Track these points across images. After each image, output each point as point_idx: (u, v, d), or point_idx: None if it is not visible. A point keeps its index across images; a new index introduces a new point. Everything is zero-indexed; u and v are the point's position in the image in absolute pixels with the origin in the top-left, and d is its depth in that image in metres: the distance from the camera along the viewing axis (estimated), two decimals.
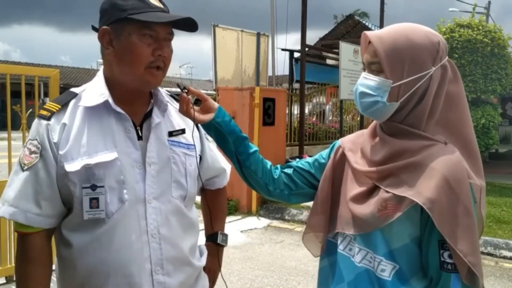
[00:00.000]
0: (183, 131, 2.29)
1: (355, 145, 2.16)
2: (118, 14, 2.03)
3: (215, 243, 2.61)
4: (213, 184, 2.57)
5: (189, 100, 2.12)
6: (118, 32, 2.05)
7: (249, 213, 10.87)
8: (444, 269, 1.81)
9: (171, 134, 2.23)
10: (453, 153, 1.86)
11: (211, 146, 2.50)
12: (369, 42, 1.97)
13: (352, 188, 2.05)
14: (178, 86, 2.19)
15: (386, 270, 1.90)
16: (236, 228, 9.73)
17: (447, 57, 1.98)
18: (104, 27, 2.07)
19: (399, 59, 1.89)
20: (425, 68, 1.90)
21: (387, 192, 1.88)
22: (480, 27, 14.35)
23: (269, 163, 2.29)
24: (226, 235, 2.66)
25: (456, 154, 1.86)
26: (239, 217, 10.66)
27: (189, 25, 2.12)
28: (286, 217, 10.39)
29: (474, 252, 1.77)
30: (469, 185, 1.82)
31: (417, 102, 1.92)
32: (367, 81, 1.97)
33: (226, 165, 2.61)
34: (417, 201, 1.79)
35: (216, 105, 2.17)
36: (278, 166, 2.33)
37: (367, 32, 2.00)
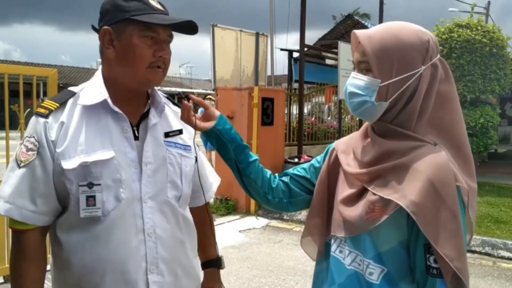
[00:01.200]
0: (180, 131, 2.31)
1: (348, 147, 2.14)
2: (120, 14, 2.05)
3: (220, 267, 2.67)
4: (200, 199, 2.52)
5: (191, 108, 2.13)
6: (119, 32, 2.07)
7: (247, 212, 10.89)
8: (430, 274, 1.77)
9: (167, 134, 2.24)
10: (440, 154, 1.82)
11: (203, 157, 2.53)
12: (359, 41, 1.96)
13: (343, 190, 2.04)
14: (180, 94, 2.22)
15: (374, 273, 1.88)
16: (234, 227, 9.76)
17: (438, 56, 1.95)
18: (106, 27, 2.08)
19: (387, 58, 1.87)
20: (414, 67, 1.88)
21: (374, 194, 1.87)
22: (479, 27, 14.37)
23: (268, 172, 2.28)
24: (222, 257, 2.70)
25: (443, 156, 1.82)
26: (238, 216, 10.68)
27: (189, 28, 2.15)
28: (285, 217, 10.40)
29: (460, 256, 1.74)
30: (455, 187, 1.79)
31: (407, 102, 1.90)
32: (355, 80, 1.96)
33: (213, 178, 2.64)
34: (401, 204, 1.76)
35: (217, 113, 2.17)
36: (277, 175, 2.32)
37: (356, 31, 1.98)
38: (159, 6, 2.12)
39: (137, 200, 2.10)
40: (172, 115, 2.34)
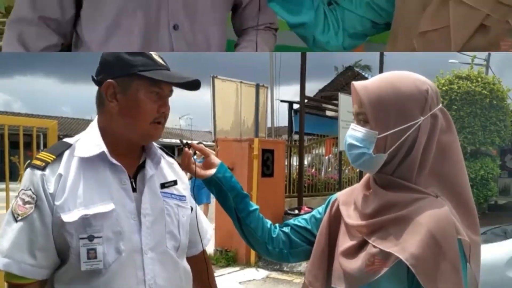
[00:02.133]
0: (175, 182, 2.30)
1: (350, 198, 2.10)
2: (126, 69, 2.06)
3: None
4: (197, 248, 2.47)
5: (191, 155, 2.14)
6: (125, 86, 2.07)
7: (247, 264, 10.76)
8: None
9: (163, 186, 2.24)
10: (441, 207, 1.78)
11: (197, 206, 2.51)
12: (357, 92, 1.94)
13: (343, 242, 2.00)
14: (181, 141, 2.23)
15: None
16: (234, 279, 9.62)
17: (440, 105, 1.92)
18: (110, 80, 2.08)
19: (384, 109, 1.85)
20: (412, 118, 1.85)
21: (375, 247, 1.83)
22: (479, 79, 14.50)
23: (269, 222, 2.25)
24: None
25: (444, 208, 1.78)
26: (237, 268, 10.54)
27: (192, 85, 2.17)
28: (285, 269, 10.28)
29: None
30: (457, 240, 1.75)
31: (406, 153, 1.87)
32: (354, 132, 1.94)
33: (207, 225, 2.61)
34: (401, 257, 1.72)
35: (218, 161, 2.17)
36: (277, 225, 2.29)
37: (355, 82, 1.97)
38: (161, 61, 2.14)
39: (137, 252, 2.08)
40: (166, 166, 2.34)
